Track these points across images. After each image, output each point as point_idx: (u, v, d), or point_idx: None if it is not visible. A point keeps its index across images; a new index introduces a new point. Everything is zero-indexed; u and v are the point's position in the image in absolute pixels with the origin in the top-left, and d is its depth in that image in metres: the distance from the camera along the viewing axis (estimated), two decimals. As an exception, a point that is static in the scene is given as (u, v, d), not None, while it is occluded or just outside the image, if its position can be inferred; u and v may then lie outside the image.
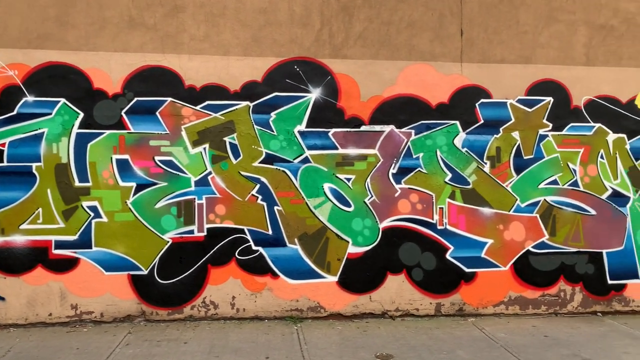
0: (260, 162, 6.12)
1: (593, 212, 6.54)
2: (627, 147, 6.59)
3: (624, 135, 6.60)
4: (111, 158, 5.95)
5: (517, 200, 6.44)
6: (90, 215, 5.91)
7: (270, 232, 6.13)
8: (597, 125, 6.56)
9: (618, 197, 6.58)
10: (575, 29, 6.56)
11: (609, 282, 6.58)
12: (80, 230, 5.90)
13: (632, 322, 6.24)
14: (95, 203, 5.93)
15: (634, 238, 6.58)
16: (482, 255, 6.40)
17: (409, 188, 6.32)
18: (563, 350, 5.24)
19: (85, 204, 5.91)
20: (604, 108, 6.57)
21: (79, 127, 5.91)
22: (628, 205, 6.59)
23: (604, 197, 6.55)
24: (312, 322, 6.10)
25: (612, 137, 6.58)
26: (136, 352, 5.09)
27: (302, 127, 6.19)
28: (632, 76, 6.60)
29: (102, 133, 5.94)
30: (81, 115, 5.92)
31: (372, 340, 5.47)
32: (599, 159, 6.56)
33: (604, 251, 6.56)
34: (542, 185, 6.48)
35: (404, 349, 5.22)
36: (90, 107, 5.93)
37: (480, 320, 6.27)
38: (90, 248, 5.93)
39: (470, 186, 6.39)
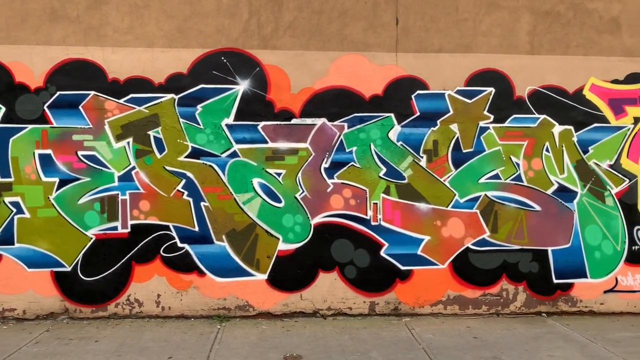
0: (186, 157, 5.96)
1: (538, 207, 6.23)
2: (574, 139, 6.26)
3: (571, 127, 6.27)
4: (34, 153, 5.84)
5: (455, 195, 6.17)
6: (12, 211, 5.82)
7: (196, 228, 5.97)
8: (542, 116, 6.24)
9: (564, 192, 6.25)
10: (519, 16, 6.25)
11: (555, 281, 6.26)
12: (2, 227, 5.80)
13: (576, 323, 5.93)
14: (18, 199, 5.83)
15: (582, 235, 6.25)
16: (419, 252, 6.15)
17: (342, 183, 6.09)
18: (485, 352, 4.97)
19: (7, 199, 5.81)
20: (550, 99, 6.25)
21: (1, 122, 5.82)
22: (575, 201, 6.26)
23: (549, 192, 6.24)
24: (239, 321, 5.93)
25: (558, 129, 6.25)
26: (41, 350, 4.97)
27: (229, 120, 6.00)
28: (579, 65, 6.27)
29: (25, 128, 5.84)
30: (3, 109, 5.82)
31: (289, 341, 5.28)
32: (544, 152, 6.24)
33: (550, 249, 6.25)
34: (482, 180, 6.20)
35: (318, 350, 5.01)
36: (12, 102, 5.83)
37: (415, 320, 6.02)
38: (13, 244, 5.83)
39: (405, 181, 6.14)
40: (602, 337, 5.39)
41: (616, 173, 6.28)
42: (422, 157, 6.16)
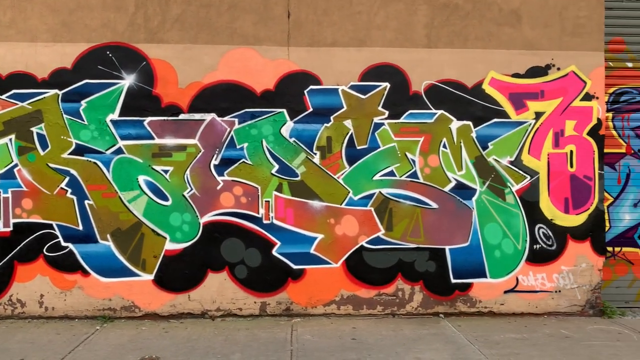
0: (69, 154, 5.81)
1: (435, 205, 6.07)
2: (473, 135, 6.09)
3: (470, 123, 6.09)
4: None
5: (349, 192, 6.01)
6: None
7: (80, 227, 5.82)
8: (440, 112, 6.07)
9: (463, 190, 6.08)
10: (416, 9, 6.09)
11: (453, 281, 6.09)
12: None
13: (469, 324, 5.76)
14: None
15: (481, 233, 6.08)
16: (311, 251, 5.99)
17: (233, 180, 5.94)
18: (352, 355, 4.79)
19: None
20: (447, 93, 6.07)
21: None
22: (474, 198, 6.09)
23: (446, 189, 6.07)
24: (123, 322, 5.78)
25: (456, 124, 6.08)
26: None
27: (114, 116, 5.85)
28: (479, 58, 6.10)
29: None
30: None
31: (159, 343, 5.12)
32: (442, 148, 6.07)
33: (447, 247, 6.07)
34: (377, 177, 6.03)
35: (181, 352, 4.85)
36: None
37: (306, 321, 5.86)
38: None
39: (298, 178, 5.98)
40: (484, 339, 5.22)
41: (517, 170, 6.11)
42: (315, 153, 6.00)
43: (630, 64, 6.62)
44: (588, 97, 6.16)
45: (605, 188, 6.56)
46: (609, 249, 6.59)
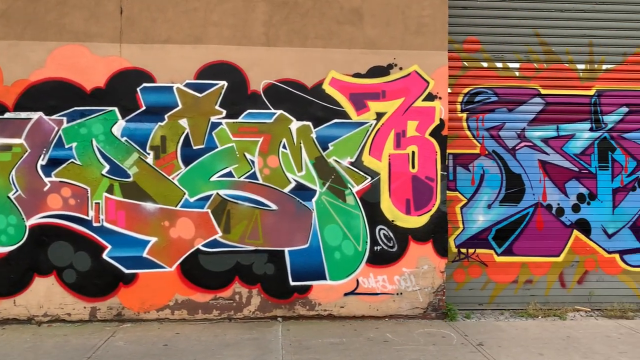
0: None
1: (274, 207, 5.95)
2: (313, 135, 5.98)
3: (310, 123, 5.98)
4: None
5: (185, 194, 5.85)
6: None
7: None
8: (279, 112, 5.95)
9: (303, 191, 5.97)
10: (254, 6, 5.95)
11: (292, 283, 5.97)
12: None
13: (302, 328, 5.64)
14: None
15: (321, 235, 5.98)
16: (144, 255, 5.82)
17: (61, 181, 5.74)
18: (148, 361, 4.67)
19: None
20: (287, 93, 5.96)
21: None
22: (314, 199, 5.98)
23: (286, 190, 5.95)
24: (-59, 329, 5.56)
25: (296, 125, 5.97)
26: None
27: None
28: (319, 58, 5.99)
29: None
30: None
31: (-43, 351, 4.92)
32: (281, 149, 5.95)
33: (286, 249, 5.96)
34: (214, 178, 5.89)
35: (-29, 361, 4.67)
36: None
37: (136, 326, 5.69)
38: None
39: (131, 179, 5.81)
40: (299, 344, 5.10)
41: (357, 170, 6.02)
42: (148, 153, 5.83)
43: (485, 64, 6.60)
44: (431, 97, 6.09)
45: (459, 189, 6.55)
46: (463, 250, 6.57)
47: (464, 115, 6.58)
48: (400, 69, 6.07)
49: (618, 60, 6.67)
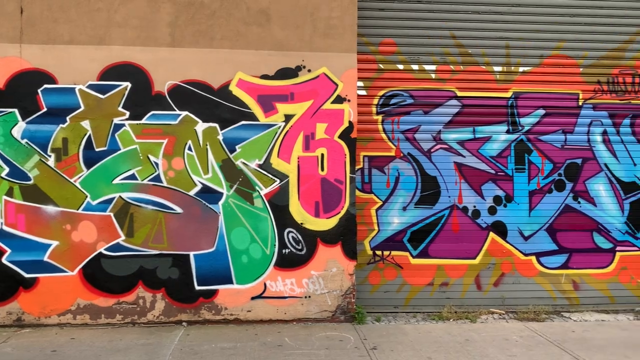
0: None
1: (179, 210, 5.87)
2: (220, 137, 5.91)
3: (216, 125, 5.91)
4: None
5: (87, 197, 5.76)
6: None
7: None
8: (184, 113, 5.87)
9: (209, 194, 5.90)
10: (159, 6, 5.88)
11: (197, 287, 5.90)
12: None
13: (203, 333, 5.57)
14: None
15: (228, 238, 5.91)
16: (45, 258, 5.72)
17: (-42, 184, 5.65)
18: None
19: None
20: (192, 94, 5.88)
21: None
22: (221, 202, 5.91)
23: (192, 193, 5.88)
24: None
25: (202, 126, 5.90)
26: None
27: None
28: (226, 59, 5.93)
29: None
30: None
31: None
32: (187, 151, 5.88)
33: (192, 253, 5.88)
34: (117, 181, 5.80)
35: None
36: None
37: (34, 331, 5.58)
38: None
39: (31, 182, 5.70)
40: (190, 350, 5.03)
41: (266, 173, 5.96)
42: (50, 156, 5.73)
43: (401, 66, 6.58)
44: (340, 99, 6.05)
45: (375, 191, 6.52)
46: (378, 252, 6.54)
47: (380, 117, 6.55)
48: (309, 71, 6.02)
49: (535, 62, 6.69)
